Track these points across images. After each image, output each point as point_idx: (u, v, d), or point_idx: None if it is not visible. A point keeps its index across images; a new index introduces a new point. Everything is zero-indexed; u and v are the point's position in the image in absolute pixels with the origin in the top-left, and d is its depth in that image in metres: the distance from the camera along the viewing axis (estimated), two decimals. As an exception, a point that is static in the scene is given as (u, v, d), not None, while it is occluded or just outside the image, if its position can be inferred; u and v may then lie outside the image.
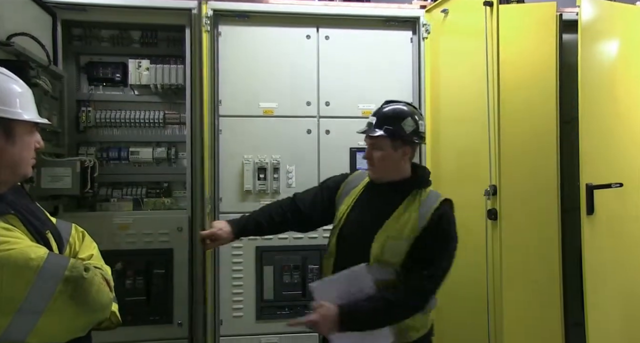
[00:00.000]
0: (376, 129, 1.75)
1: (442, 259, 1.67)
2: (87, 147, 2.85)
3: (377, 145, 1.76)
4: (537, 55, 2.44)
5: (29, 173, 1.20)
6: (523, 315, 2.37)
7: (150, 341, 2.50)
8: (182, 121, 2.86)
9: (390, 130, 1.73)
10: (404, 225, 1.68)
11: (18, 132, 1.14)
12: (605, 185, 2.33)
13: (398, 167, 1.77)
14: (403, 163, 1.78)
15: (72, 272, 1.09)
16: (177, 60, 2.80)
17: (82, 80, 2.88)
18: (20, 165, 1.16)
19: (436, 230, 1.66)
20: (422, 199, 1.72)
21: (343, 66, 2.91)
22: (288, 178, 2.82)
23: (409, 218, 1.68)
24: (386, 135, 1.73)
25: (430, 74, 2.90)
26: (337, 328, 1.60)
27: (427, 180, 1.80)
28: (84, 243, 1.35)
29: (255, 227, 1.88)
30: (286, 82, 2.68)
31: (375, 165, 1.77)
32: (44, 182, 2.40)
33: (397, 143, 1.74)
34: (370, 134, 1.76)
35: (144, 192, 2.85)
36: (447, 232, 1.68)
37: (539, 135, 2.43)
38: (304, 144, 2.86)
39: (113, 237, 2.49)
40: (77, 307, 1.10)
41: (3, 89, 1.13)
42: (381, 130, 1.73)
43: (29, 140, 1.18)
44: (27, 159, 1.18)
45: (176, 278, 2.51)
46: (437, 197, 1.72)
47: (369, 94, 2.92)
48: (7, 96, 1.12)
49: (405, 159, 1.78)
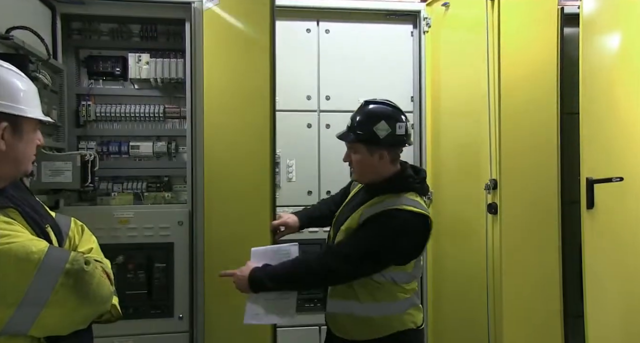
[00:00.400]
0: (350, 134, 1.77)
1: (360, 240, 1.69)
2: (87, 141, 2.84)
3: (353, 148, 1.79)
4: (538, 49, 2.43)
5: (29, 169, 1.23)
6: (523, 307, 2.38)
7: (152, 334, 2.51)
8: (183, 115, 2.86)
9: (361, 135, 1.74)
10: (352, 221, 1.76)
11: (25, 129, 1.17)
12: (605, 179, 2.33)
13: (377, 170, 1.79)
14: (382, 165, 1.78)
15: (73, 265, 1.11)
16: (177, 54, 2.79)
17: (82, 74, 2.88)
18: (23, 162, 1.19)
19: (369, 218, 1.69)
20: (381, 202, 1.72)
21: (343, 60, 2.91)
22: (288, 173, 2.82)
23: (357, 214, 1.75)
24: (357, 140, 1.75)
25: (431, 67, 2.89)
26: (248, 286, 1.74)
27: (403, 184, 1.77)
28: (84, 237, 1.36)
29: (317, 217, 2.12)
30: (286, 76, 2.67)
31: (354, 167, 1.82)
32: (44, 176, 2.40)
33: (372, 147, 1.75)
34: (344, 140, 1.80)
35: (144, 186, 2.86)
36: (375, 220, 1.68)
37: (539, 129, 2.43)
38: (304, 138, 2.86)
39: (114, 231, 2.49)
40: (78, 299, 1.11)
41: (12, 86, 1.15)
42: (354, 135, 1.75)
43: (32, 137, 1.20)
44: (30, 155, 1.21)
45: (177, 272, 2.52)
46: (386, 206, 1.69)
47: (369, 88, 2.91)
48: (16, 93, 1.15)
49: (384, 162, 1.78)
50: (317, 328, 2.85)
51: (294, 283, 1.79)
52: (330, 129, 2.89)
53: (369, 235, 1.68)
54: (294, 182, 2.85)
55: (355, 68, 2.91)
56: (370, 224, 1.69)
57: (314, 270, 1.73)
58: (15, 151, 1.15)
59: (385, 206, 1.70)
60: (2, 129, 1.11)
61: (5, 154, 1.13)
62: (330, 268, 1.70)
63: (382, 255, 1.69)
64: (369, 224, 1.69)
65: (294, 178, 2.83)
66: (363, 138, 1.74)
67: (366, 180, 1.84)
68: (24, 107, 1.15)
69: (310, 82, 2.89)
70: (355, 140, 1.75)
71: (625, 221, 2.50)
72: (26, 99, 1.17)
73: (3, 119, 1.11)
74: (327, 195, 2.88)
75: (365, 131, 1.74)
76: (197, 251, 2.47)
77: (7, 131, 1.12)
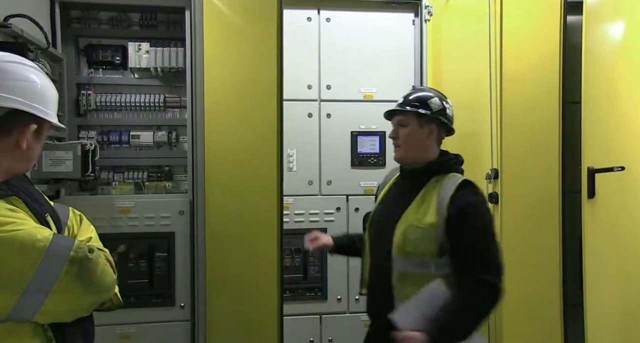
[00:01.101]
0: (404, 106, 1.78)
1: (483, 247, 1.61)
2: (87, 131, 2.84)
3: (404, 122, 1.77)
4: (541, 38, 2.41)
5: (30, 168, 1.30)
6: (523, 296, 2.39)
7: (153, 323, 2.53)
8: (183, 104, 2.85)
9: (416, 105, 1.75)
10: (424, 213, 1.66)
11: (44, 131, 1.21)
12: (607, 168, 2.32)
13: (423, 146, 1.76)
14: (429, 143, 1.77)
15: (78, 253, 1.12)
16: (177, 43, 2.77)
17: (82, 63, 2.86)
18: (33, 161, 1.24)
19: (460, 219, 1.61)
20: (442, 184, 1.69)
21: (344, 49, 2.89)
22: (289, 162, 2.82)
23: (429, 205, 1.67)
24: (412, 110, 1.74)
25: (433, 56, 2.88)
26: None
27: (450, 165, 1.77)
28: (82, 226, 1.37)
29: (347, 244, 2.00)
30: (287, 65, 2.66)
31: (401, 143, 1.77)
32: (45, 165, 2.40)
33: (423, 121, 1.75)
34: (398, 108, 1.78)
35: (145, 175, 2.86)
36: (472, 220, 1.61)
37: (541, 119, 2.42)
38: (304, 127, 2.86)
39: (115, 220, 2.50)
40: (82, 287, 1.13)
41: (45, 90, 1.19)
42: (408, 106, 1.76)
43: (44, 139, 1.25)
44: (39, 154, 1.26)
45: (178, 261, 2.53)
46: (455, 182, 1.67)
47: (370, 77, 2.91)
48: (47, 97, 1.19)
49: (431, 139, 1.77)
50: (317, 317, 2.87)
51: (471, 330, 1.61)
52: (331, 118, 2.88)
53: (482, 244, 1.62)
54: (295, 172, 2.85)
55: (356, 57, 2.90)
56: (462, 229, 1.60)
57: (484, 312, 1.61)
58: (32, 151, 1.19)
59: (451, 187, 1.65)
60: (32, 131, 1.15)
61: (24, 153, 1.16)
62: (493, 299, 1.60)
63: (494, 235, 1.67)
64: (462, 229, 1.60)
65: (295, 168, 2.83)
66: (417, 108, 1.74)
67: (410, 160, 1.78)
68: (51, 112, 1.20)
69: (310, 71, 2.88)
70: (411, 112, 1.75)
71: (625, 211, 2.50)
72: (53, 104, 1.22)
73: (34, 121, 1.15)
74: (328, 185, 2.89)
75: (420, 102, 1.75)
76: (198, 240, 2.48)
77: (32, 133, 1.16)
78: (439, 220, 1.62)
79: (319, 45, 2.88)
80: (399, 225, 1.68)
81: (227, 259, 2.48)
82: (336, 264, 2.87)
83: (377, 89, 2.91)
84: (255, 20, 2.47)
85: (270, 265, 2.49)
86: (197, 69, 2.47)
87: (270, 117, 2.46)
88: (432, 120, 1.75)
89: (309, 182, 2.88)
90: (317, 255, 2.09)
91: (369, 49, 2.91)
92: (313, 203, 2.87)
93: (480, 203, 1.66)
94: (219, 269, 2.48)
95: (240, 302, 2.49)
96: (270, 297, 2.49)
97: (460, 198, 1.62)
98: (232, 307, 2.49)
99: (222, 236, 2.47)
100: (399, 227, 1.68)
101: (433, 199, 1.66)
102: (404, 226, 1.67)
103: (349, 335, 2.87)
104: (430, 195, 1.68)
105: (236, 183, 2.47)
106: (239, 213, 2.48)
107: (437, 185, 1.69)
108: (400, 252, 1.66)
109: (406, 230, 1.66)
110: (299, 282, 2.85)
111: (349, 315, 2.90)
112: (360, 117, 2.91)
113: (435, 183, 1.71)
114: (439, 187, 1.68)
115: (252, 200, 2.48)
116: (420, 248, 1.63)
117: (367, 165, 2.91)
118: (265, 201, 2.47)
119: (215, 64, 2.47)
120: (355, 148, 2.90)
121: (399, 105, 1.80)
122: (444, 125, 1.78)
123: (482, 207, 1.66)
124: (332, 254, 2.09)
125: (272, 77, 2.47)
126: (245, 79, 2.49)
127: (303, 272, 2.85)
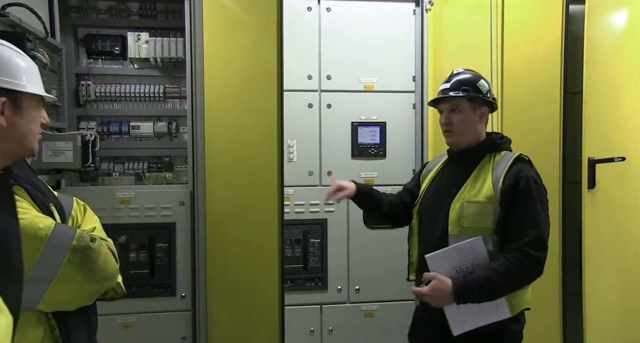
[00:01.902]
0: (457, 91, 1.75)
1: (533, 221, 1.62)
2: (87, 121, 2.83)
3: (456, 107, 1.75)
4: (543, 27, 2.40)
5: (35, 148, 1.20)
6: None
7: (155, 312, 2.55)
8: (183, 95, 2.84)
9: (468, 89, 1.74)
10: (479, 189, 1.67)
11: (26, 105, 1.15)
12: (607, 159, 2.32)
13: (475, 129, 1.77)
14: (480, 126, 1.78)
15: (80, 242, 1.12)
16: (176, 32, 2.76)
17: (81, 53, 2.85)
18: (28, 139, 1.17)
19: (514, 191, 1.63)
20: (495, 161, 1.71)
21: (345, 39, 2.88)
22: (289, 153, 2.82)
23: (484, 181, 1.68)
24: (465, 95, 1.73)
25: (433, 46, 2.86)
26: (452, 300, 1.58)
27: (500, 143, 1.77)
28: (86, 216, 1.37)
29: (373, 195, 1.96)
30: (287, 55, 2.64)
31: (454, 129, 1.76)
32: (45, 156, 2.40)
33: (475, 104, 1.75)
34: (450, 94, 1.75)
35: (145, 166, 2.86)
36: (527, 191, 1.63)
37: (542, 109, 2.42)
38: (305, 118, 2.85)
39: (116, 211, 2.50)
40: (84, 275, 1.13)
41: (11, 63, 1.14)
42: (461, 91, 1.74)
43: (36, 114, 1.18)
44: (34, 133, 1.19)
45: (179, 251, 2.54)
46: (509, 157, 1.69)
47: (371, 67, 2.89)
48: (16, 70, 1.13)
49: (482, 121, 1.78)
50: (318, 306, 2.89)
51: (498, 294, 1.62)
52: (332, 108, 2.87)
53: (533, 219, 1.62)
54: (295, 162, 2.85)
55: (356, 47, 2.89)
56: (516, 201, 1.62)
57: (517, 282, 1.62)
58: (17, 128, 1.13)
59: (506, 161, 1.67)
60: (2, 104, 1.10)
61: (8, 131, 1.11)
62: (529, 273, 1.62)
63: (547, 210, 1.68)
64: (516, 201, 1.62)
65: (295, 159, 2.83)
66: (469, 92, 1.73)
67: (464, 143, 1.78)
68: (24, 83, 1.14)
69: (311, 61, 2.86)
70: (463, 97, 1.74)
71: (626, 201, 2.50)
72: (26, 76, 1.16)
73: (2, 94, 1.10)
74: (328, 175, 2.88)
75: (471, 87, 1.74)
76: (199, 231, 2.49)
77: (7, 107, 1.11)
78: (495, 194, 1.64)
79: (320, 36, 2.87)
80: (454, 203, 1.70)
81: (227, 250, 2.48)
82: (337, 255, 2.88)
83: (377, 79, 2.90)
84: (255, 10, 2.45)
85: (271, 255, 2.50)
86: (197, 59, 2.46)
87: (270, 108, 2.46)
88: (483, 103, 1.76)
89: (309, 173, 2.88)
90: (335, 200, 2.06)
91: (369, 39, 2.89)
92: (313, 194, 2.87)
93: (535, 178, 1.67)
94: (220, 260, 2.49)
95: (241, 292, 2.50)
96: (271, 287, 2.51)
97: (516, 170, 1.65)
98: (233, 297, 2.50)
99: (222, 227, 2.48)
100: (454, 205, 1.69)
101: (488, 175, 1.68)
102: (459, 203, 1.69)
103: (349, 325, 2.89)
104: (484, 173, 1.70)
105: (237, 174, 2.47)
106: (240, 204, 2.48)
107: (491, 163, 1.72)
108: (457, 228, 1.67)
109: (462, 206, 1.67)
110: (300, 273, 2.86)
111: (349, 305, 2.92)
112: (360, 108, 2.90)
113: (488, 161, 1.73)
114: (494, 164, 1.70)
115: (253, 191, 2.48)
116: (478, 222, 1.64)
117: (368, 156, 2.91)
118: (265, 192, 2.47)
119: (215, 55, 2.45)
120: (355, 138, 2.90)
121: (445, 91, 1.78)
122: (490, 105, 1.80)
123: (537, 179, 1.68)
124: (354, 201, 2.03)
125: (272, 68, 2.46)
126: (246, 70, 2.48)
127: (303, 262, 2.86)
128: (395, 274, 2.54)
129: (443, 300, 1.60)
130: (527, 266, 1.60)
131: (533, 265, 1.61)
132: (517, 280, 1.62)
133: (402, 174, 2.89)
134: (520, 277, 1.61)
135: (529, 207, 1.63)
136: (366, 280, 2.91)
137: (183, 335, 2.54)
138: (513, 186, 1.63)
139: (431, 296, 1.61)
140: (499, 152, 1.75)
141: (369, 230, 2.91)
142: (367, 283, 2.91)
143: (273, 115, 2.46)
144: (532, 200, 1.63)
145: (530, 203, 1.63)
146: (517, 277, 1.60)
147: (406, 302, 2.87)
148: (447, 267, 1.63)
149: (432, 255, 1.66)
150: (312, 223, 2.86)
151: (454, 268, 1.62)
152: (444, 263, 1.63)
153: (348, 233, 2.90)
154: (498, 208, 1.64)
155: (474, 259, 1.61)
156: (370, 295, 2.92)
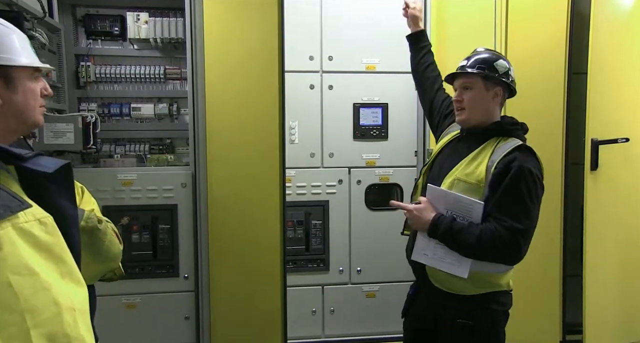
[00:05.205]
0: (469, 69, 1.75)
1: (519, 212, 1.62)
2: (87, 103, 2.82)
3: (469, 85, 1.75)
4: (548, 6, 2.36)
5: (38, 120, 1.14)
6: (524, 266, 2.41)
7: (158, 293, 2.57)
8: (184, 76, 2.81)
9: (483, 67, 1.73)
10: (473, 170, 1.68)
11: (18, 78, 1.08)
12: (611, 140, 2.31)
13: (487, 109, 1.76)
14: (492, 106, 1.76)
15: (88, 223, 1.13)
16: (176, 13, 2.72)
17: (80, 33, 2.81)
18: (27, 113, 1.11)
19: (503, 178, 1.62)
20: (498, 145, 1.70)
21: (347, 19, 2.83)
22: (291, 134, 2.81)
23: (480, 163, 1.68)
24: (479, 73, 1.72)
25: (437, 26, 2.82)
26: (426, 229, 1.68)
27: (509, 128, 1.75)
28: (84, 198, 1.37)
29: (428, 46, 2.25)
30: (288, 36, 2.61)
31: (465, 107, 1.76)
32: (46, 138, 2.39)
33: (489, 83, 1.73)
34: (465, 71, 1.75)
35: (146, 148, 2.85)
36: (515, 180, 1.62)
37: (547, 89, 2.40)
38: (306, 99, 2.83)
39: (118, 192, 2.50)
40: (91, 255, 1.14)
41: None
42: (475, 68, 1.73)
43: (33, 86, 1.12)
44: (34, 106, 1.12)
45: (181, 233, 2.55)
46: (512, 145, 1.67)
47: (373, 48, 2.85)
48: (2, 42, 1.06)
49: (496, 102, 1.77)
50: (320, 287, 2.91)
51: (467, 251, 1.66)
52: (333, 90, 2.85)
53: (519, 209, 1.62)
54: (297, 144, 2.83)
55: (358, 28, 2.84)
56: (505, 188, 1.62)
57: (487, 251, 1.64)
58: (13, 105, 1.07)
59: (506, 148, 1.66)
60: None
61: (4, 108, 1.05)
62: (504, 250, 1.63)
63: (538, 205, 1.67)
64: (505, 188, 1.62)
65: (297, 140, 2.81)
66: (483, 70, 1.72)
67: (474, 122, 1.76)
68: (9, 55, 1.06)
69: (312, 42, 2.82)
70: (477, 74, 1.73)
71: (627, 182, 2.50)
72: (12, 48, 1.08)
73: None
74: (330, 157, 2.88)
75: (486, 65, 1.73)
76: (201, 212, 2.49)
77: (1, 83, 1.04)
78: (486, 178, 1.65)
79: (321, 16, 2.82)
80: (447, 178, 1.73)
81: (230, 231, 2.50)
82: (338, 236, 2.89)
83: (379, 60, 2.87)
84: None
85: (272, 236, 2.51)
86: (197, 39, 2.43)
87: (271, 89, 2.44)
88: (498, 83, 1.74)
89: (311, 155, 2.86)
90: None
91: (371, 19, 2.85)
92: (315, 175, 2.87)
93: (531, 169, 1.64)
94: (222, 241, 2.50)
95: (243, 273, 2.52)
96: (273, 268, 2.53)
97: (511, 158, 1.64)
98: (235, 278, 2.52)
99: (224, 208, 2.48)
100: (446, 180, 1.73)
101: (485, 158, 1.68)
102: (450, 179, 1.72)
103: (350, 306, 2.91)
104: (484, 155, 1.70)
105: (238, 155, 2.47)
106: (241, 185, 2.48)
107: (492, 147, 1.71)
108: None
109: (452, 183, 1.71)
110: (302, 254, 2.87)
111: (351, 286, 2.94)
112: (362, 89, 2.87)
113: (492, 144, 1.72)
114: (495, 148, 1.69)
115: (254, 172, 2.48)
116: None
117: (370, 138, 2.89)
118: (267, 173, 2.47)
119: (215, 35, 2.43)
120: (357, 120, 2.87)
121: (463, 68, 1.77)
122: (508, 87, 1.77)
123: (532, 171, 1.64)
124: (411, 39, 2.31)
125: (274, 48, 2.44)
126: (246, 50, 2.45)
127: (305, 244, 2.87)
128: (397, 255, 2.55)
129: (419, 223, 1.71)
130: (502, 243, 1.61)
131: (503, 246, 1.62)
132: (482, 248, 1.63)
133: (404, 156, 2.88)
134: (486, 246, 1.62)
135: (512, 195, 1.62)
136: (368, 261, 2.92)
137: (186, 315, 2.57)
138: (503, 173, 1.63)
139: (412, 214, 1.71)
140: (506, 138, 1.73)
141: (371, 211, 2.91)
142: (369, 265, 2.92)
143: (274, 96, 2.44)
144: (518, 189, 1.62)
145: (515, 192, 1.62)
146: (485, 245, 1.62)
147: (407, 283, 2.87)
148: (442, 204, 1.70)
149: (436, 188, 1.72)
150: (314, 204, 2.86)
151: (446, 209, 1.69)
152: (440, 200, 1.71)
153: (350, 215, 2.90)
154: (486, 191, 1.65)
155: (466, 215, 1.66)
156: (371, 276, 2.94)
